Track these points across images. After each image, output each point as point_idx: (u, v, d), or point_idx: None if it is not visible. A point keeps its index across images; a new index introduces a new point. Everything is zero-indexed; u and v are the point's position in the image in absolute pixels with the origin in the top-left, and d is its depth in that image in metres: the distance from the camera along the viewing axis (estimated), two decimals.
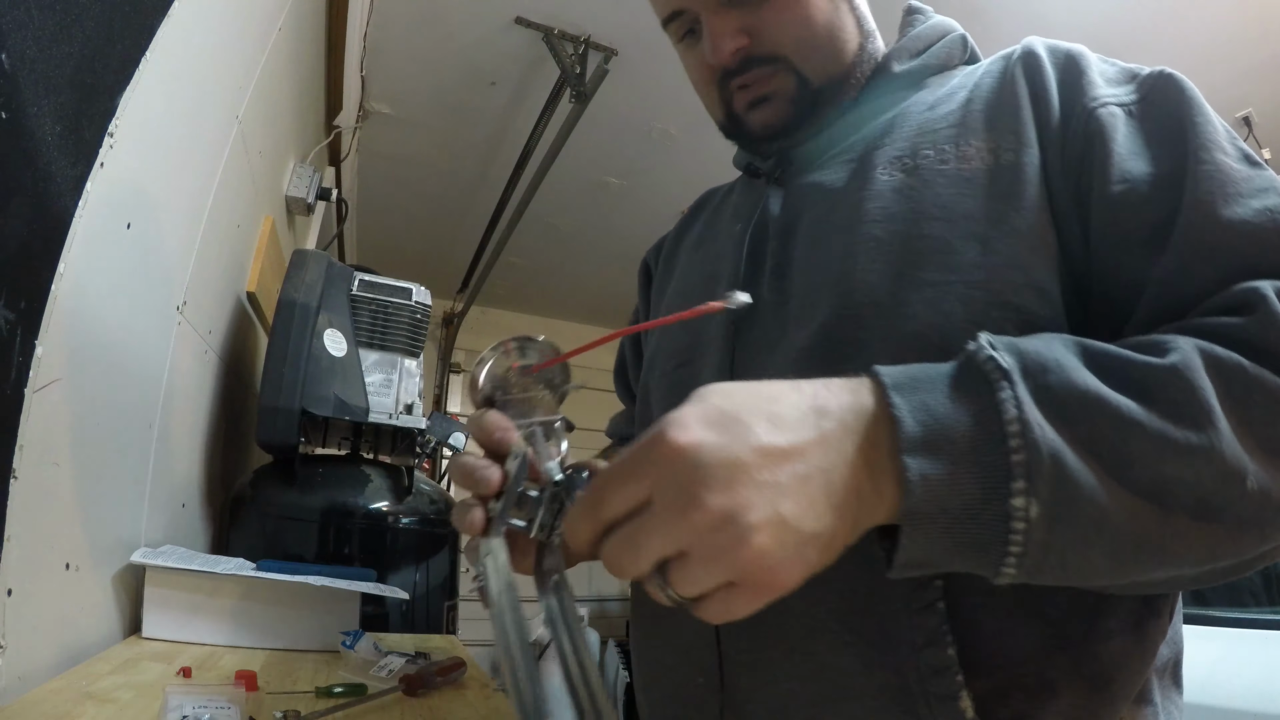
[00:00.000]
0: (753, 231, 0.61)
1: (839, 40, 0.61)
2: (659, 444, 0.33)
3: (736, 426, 0.33)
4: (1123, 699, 0.45)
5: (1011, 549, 0.34)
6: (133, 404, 0.98)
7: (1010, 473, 0.33)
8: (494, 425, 0.42)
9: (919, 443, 0.34)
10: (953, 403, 0.35)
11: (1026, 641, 0.44)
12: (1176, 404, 0.35)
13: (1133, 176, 0.46)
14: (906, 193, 0.52)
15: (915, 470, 0.33)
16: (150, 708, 0.66)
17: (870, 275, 0.50)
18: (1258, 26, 2.40)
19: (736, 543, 0.31)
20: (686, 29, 0.62)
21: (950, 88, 0.59)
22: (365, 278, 1.60)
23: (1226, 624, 1.66)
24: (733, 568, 0.32)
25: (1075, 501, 0.34)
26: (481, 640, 4.45)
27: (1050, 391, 0.35)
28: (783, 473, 0.33)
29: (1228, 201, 0.42)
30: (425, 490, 1.62)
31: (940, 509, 0.34)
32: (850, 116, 0.61)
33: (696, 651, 0.54)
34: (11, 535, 0.63)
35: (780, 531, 0.32)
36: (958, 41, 0.64)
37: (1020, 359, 0.36)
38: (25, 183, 0.62)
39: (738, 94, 0.61)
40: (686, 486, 0.32)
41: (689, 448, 0.32)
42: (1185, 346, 0.37)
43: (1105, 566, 0.36)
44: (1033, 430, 0.33)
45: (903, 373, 0.37)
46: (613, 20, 2.39)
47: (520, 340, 0.48)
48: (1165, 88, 0.49)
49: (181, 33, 0.97)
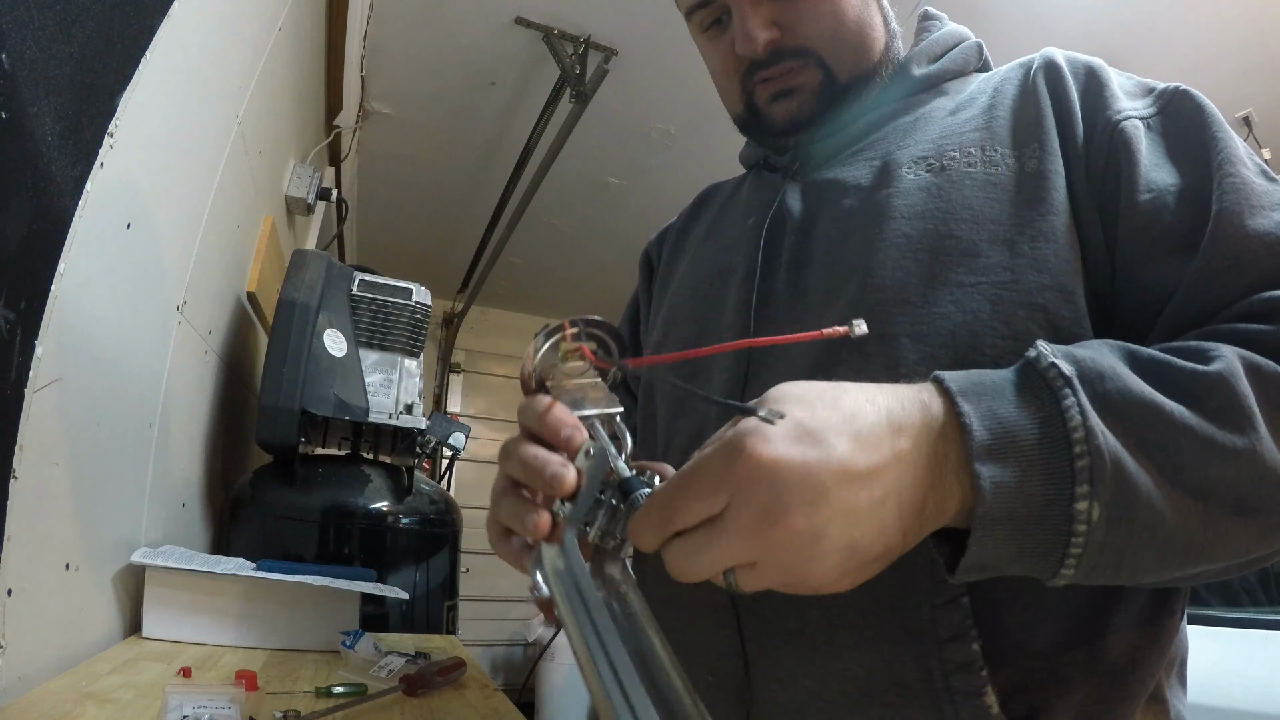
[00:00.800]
0: (769, 225, 0.61)
1: (868, 37, 0.61)
2: (740, 456, 0.33)
3: (819, 445, 0.33)
4: (1137, 695, 0.45)
5: (1072, 550, 0.35)
6: (133, 404, 0.98)
7: (1075, 477, 0.34)
8: (561, 421, 0.40)
9: (988, 450, 0.35)
10: (1018, 409, 0.36)
11: (1045, 636, 0.44)
12: (1221, 409, 0.36)
13: (1158, 187, 0.47)
14: (934, 192, 0.53)
15: (987, 477, 0.34)
16: (150, 708, 0.66)
17: (899, 272, 0.50)
18: (1258, 26, 2.40)
19: (809, 562, 0.33)
20: (713, 19, 0.62)
21: (970, 93, 0.59)
22: (365, 278, 1.60)
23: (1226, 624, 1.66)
24: (800, 581, 0.34)
25: (1134, 504, 0.35)
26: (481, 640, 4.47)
27: (1108, 398, 0.36)
28: (861, 497, 0.33)
29: (1253, 214, 0.44)
30: (425, 490, 1.62)
31: (1009, 514, 0.35)
32: (871, 116, 0.62)
33: (706, 650, 0.53)
34: (11, 535, 0.63)
35: (850, 556, 0.33)
36: (974, 49, 0.65)
37: (1078, 366, 0.37)
38: (25, 183, 0.62)
39: (760, 87, 0.61)
40: (768, 505, 0.32)
41: (771, 463, 0.33)
42: (1228, 354, 0.38)
43: (1154, 565, 0.37)
44: (1096, 436, 0.34)
45: (966, 378, 0.37)
46: (613, 20, 2.39)
47: (581, 323, 0.44)
48: (1182, 103, 0.50)
49: (181, 33, 0.97)
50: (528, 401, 0.42)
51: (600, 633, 0.33)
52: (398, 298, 1.60)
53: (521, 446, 0.40)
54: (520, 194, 3.15)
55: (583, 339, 0.45)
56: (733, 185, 0.76)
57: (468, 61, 2.59)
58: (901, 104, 0.61)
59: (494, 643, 4.60)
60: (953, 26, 0.66)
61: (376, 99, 2.79)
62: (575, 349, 0.44)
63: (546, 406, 0.40)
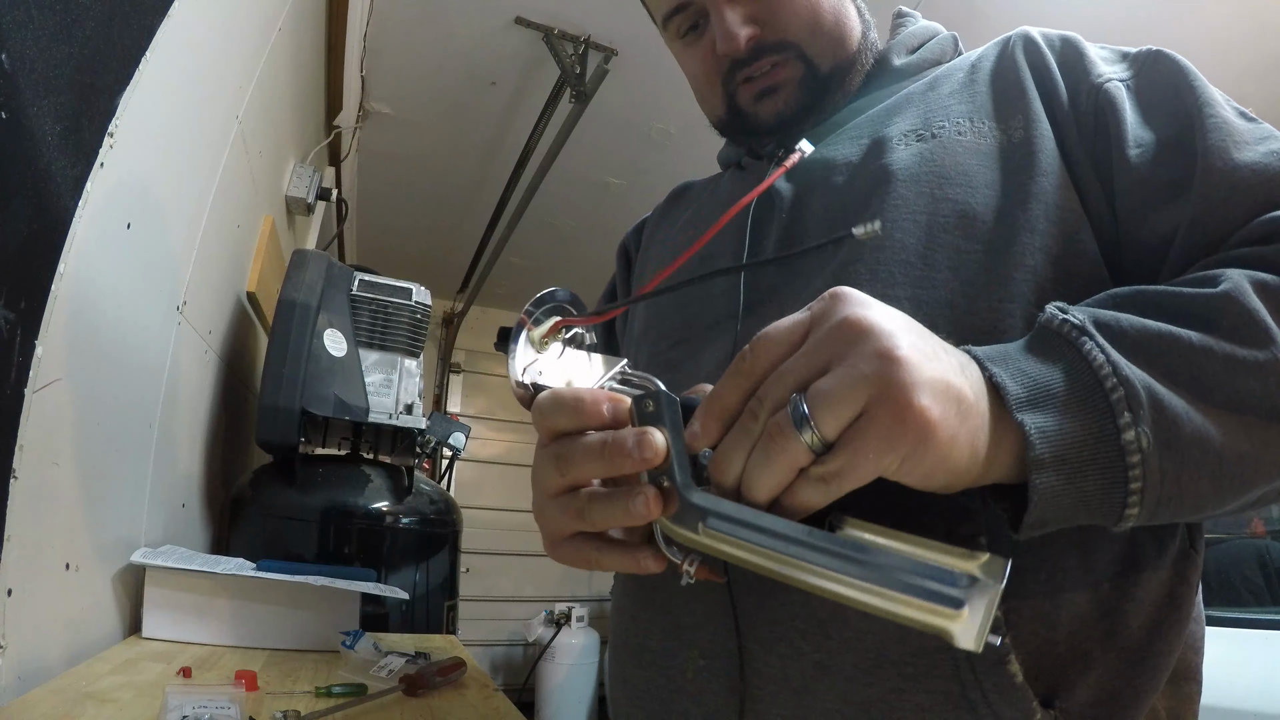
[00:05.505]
0: (756, 206, 0.60)
1: (845, 27, 0.62)
2: (834, 301, 0.36)
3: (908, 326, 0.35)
4: (1158, 671, 0.44)
5: (1132, 485, 0.35)
6: (133, 404, 0.98)
7: (1114, 410, 0.35)
8: (595, 397, 0.38)
9: (1025, 401, 0.35)
10: (1042, 363, 0.37)
11: (1064, 604, 0.43)
12: (1236, 327, 0.38)
13: (1146, 141, 0.49)
14: (928, 157, 0.53)
15: (1031, 424, 0.35)
16: (150, 708, 0.66)
17: (899, 233, 0.51)
18: (1258, 26, 2.40)
19: (886, 342, 0.33)
20: (690, 24, 0.62)
21: (946, 69, 0.60)
22: (365, 278, 1.60)
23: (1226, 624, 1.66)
24: (877, 359, 0.33)
25: (1177, 426, 0.35)
26: (481, 640, 4.47)
27: (1126, 335, 0.37)
28: (932, 341, 0.36)
29: (1239, 148, 0.45)
30: (425, 490, 1.62)
31: (1059, 459, 0.35)
32: (855, 104, 0.62)
33: (698, 631, 0.51)
34: (11, 535, 0.63)
35: (931, 360, 0.34)
36: (949, 40, 0.66)
37: (1091, 314, 0.38)
38: (25, 183, 0.62)
39: (743, 87, 0.61)
40: (844, 308, 0.34)
41: (850, 291, 0.35)
42: (1233, 275, 0.39)
43: (1211, 490, 0.37)
44: (1123, 368, 0.35)
45: (989, 349, 0.39)
46: (613, 20, 2.39)
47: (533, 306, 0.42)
48: (1156, 62, 0.52)
49: (181, 33, 0.97)
50: (543, 401, 0.39)
51: (812, 540, 0.33)
52: (398, 298, 1.60)
53: (575, 444, 0.38)
54: (520, 194, 3.15)
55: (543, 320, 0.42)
56: (709, 180, 0.75)
57: (468, 61, 2.59)
58: (883, 93, 0.62)
59: (494, 643, 4.60)
60: (926, 22, 0.68)
61: (376, 99, 2.79)
62: (547, 330, 0.42)
63: (570, 394, 0.38)
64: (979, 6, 2.22)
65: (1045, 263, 0.48)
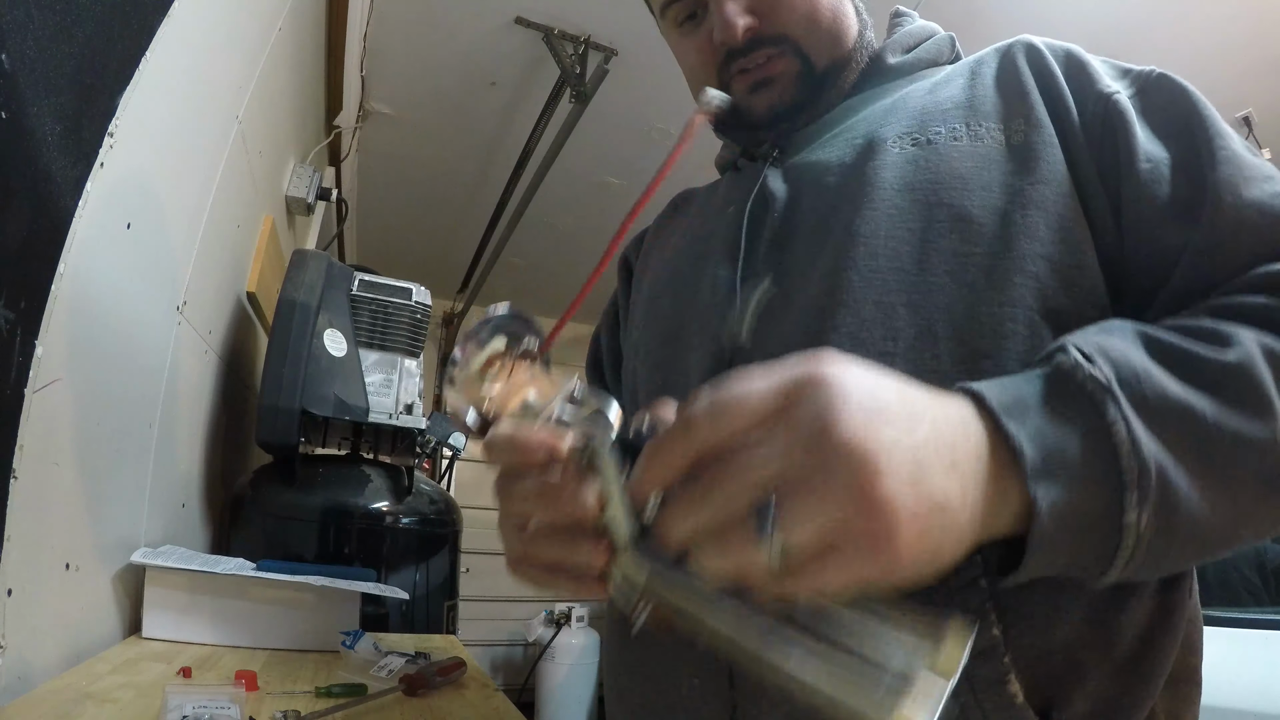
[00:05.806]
0: (751, 207, 0.60)
1: (842, 24, 0.62)
2: (813, 389, 0.30)
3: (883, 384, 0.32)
4: (1153, 678, 0.45)
5: (1120, 557, 0.35)
6: (133, 404, 0.98)
7: (1124, 488, 0.35)
8: (529, 443, 0.36)
9: (1041, 471, 0.34)
10: (1064, 424, 0.36)
11: (1063, 625, 0.43)
12: (1244, 402, 0.38)
13: (1157, 157, 0.49)
14: (922, 164, 0.53)
15: (1043, 499, 0.34)
16: (150, 708, 0.66)
17: (893, 241, 0.51)
18: (1258, 26, 2.40)
19: (863, 478, 0.29)
20: (688, 13, 0.62)
21: (947, 74, 0.60)
22: (365, 278, 1.60)
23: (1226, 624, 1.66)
24: (851, 503, 0.29)
25: (1177, 509, 0.35)
26: (481, 640, 4.47)
27: (1146, 402, 0.36)
28: (920, 432, 0.31)
29: (1247, 184, 0.45)
30: (425, 490, 1.62)
31: (1063, 529, 0.35)
32: (849, 103, 0.62)
33: (689, 650, 0.50)
34: (11, 535, 0.63)
35: (913, 485, 0.30)
36: (946, 41, 0.66)
37: (1115, 369, 0.37)
38: (25, 183, 0.62)
39: (738, 79, 0.61)
40: (822, 411, 0.29)
41: (832, 376, 0.30)
42: (1246, 341, 0.39)
43: (1193, 557, 0.38)
44: (1141, 448, 0.35)
45: (1002, 392, 0.36)
46: (613, 20, 2.39)
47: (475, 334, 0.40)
48: (1160, 83, 0.52)
49: (181, 33, 0.97)
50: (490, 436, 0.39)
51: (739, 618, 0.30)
52: (398, 298, 1.60)
53: (517, 484, 0.37)
54: (520, 194, 3.15)
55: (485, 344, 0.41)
56: (708, 187, 0.75)
57: (468, 61, 2.59)
58: (878, 92, 0.62)
59: (494, 643, 4.60)
60: (922, 22, 0.68)
61: (376, 99, 2.79)
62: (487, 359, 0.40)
63: (505, 437, 0.37)
64: (977, 7, 2.22)
65: (1048, 270, 0.48)
